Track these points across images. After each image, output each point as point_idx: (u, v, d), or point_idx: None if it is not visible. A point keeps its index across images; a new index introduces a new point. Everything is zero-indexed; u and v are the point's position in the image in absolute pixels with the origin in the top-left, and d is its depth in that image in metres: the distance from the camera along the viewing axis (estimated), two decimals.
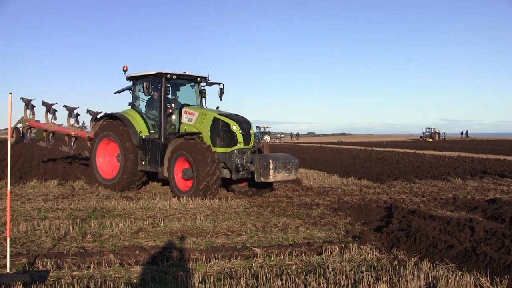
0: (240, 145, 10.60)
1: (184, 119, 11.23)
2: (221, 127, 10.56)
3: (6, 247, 4.99)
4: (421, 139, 70.95)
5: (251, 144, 10.93)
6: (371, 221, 7.84)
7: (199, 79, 12.14)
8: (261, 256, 5.65)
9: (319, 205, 9.64)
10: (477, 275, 4.78)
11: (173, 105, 11.48)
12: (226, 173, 10.61)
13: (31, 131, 14.89)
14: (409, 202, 10.05)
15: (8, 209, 4.96)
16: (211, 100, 19.50)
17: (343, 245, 6.12)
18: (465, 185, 12.88)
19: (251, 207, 9.48)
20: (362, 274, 4.84)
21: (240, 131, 10.59)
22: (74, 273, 4.92)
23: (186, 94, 12.44)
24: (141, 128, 11.58)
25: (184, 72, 11.76)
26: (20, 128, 14.65)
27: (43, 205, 9.23)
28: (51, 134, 14.34)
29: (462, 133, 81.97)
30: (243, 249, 5.93)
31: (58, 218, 7.91)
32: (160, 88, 11.30)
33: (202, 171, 9.91)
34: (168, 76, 11.23)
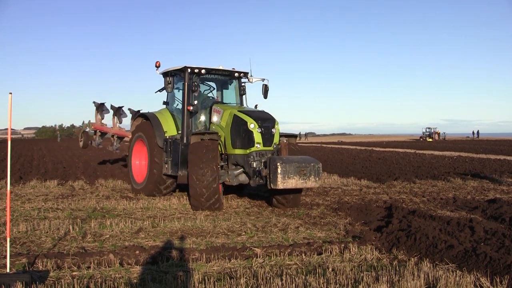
0: (259, 146, 9.22)
1: (213, 118, 10.12)
2: (240, 126, 9.32)
3: (6, 247, 4.99)
4: (421, 139, 70.91)
5: (274, 146, 9.46)
6: (371, 221, 7.84)
7: (236, 74, 10.79)
8: (261, 256, 5.65)
9: (319, 205, 9.64)
10: (477, 275, 4.77)
11: (195, 102, 10.20)
12: (244, 179, 9.52)
13: (101, 136, 14.50)
14: (409, 202, 10.04)
15: (8, 209, 4.96)
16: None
17: (343, 245, 6.12)
18: (465, 185, 12.87)
19: (251, 207, 9.49)
20: (362, 274, 4.84)
21: (258, 130, 9.18)
22: (74, 273, 4.92)
23: (230, 92, 11.32)
24: (169, 128, 10.53)
25: (218, 67, 10.60)
26: (87, 131, 14.54)
27: (43, 205, 9.25)
28: (117, 138, 14.03)
29: (473, 132, 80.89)
30: (243, 249, 5.92)
31: (58, 218, 7.93)
32: (184, 84, 10.23)
33: (192, 181, 8.84)
34: (196, 70, 10.15)
